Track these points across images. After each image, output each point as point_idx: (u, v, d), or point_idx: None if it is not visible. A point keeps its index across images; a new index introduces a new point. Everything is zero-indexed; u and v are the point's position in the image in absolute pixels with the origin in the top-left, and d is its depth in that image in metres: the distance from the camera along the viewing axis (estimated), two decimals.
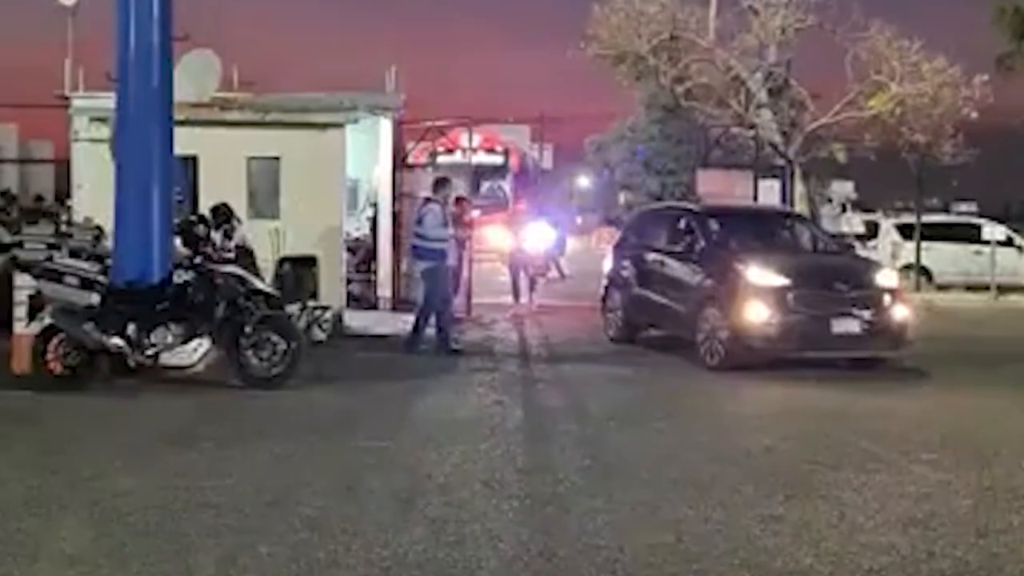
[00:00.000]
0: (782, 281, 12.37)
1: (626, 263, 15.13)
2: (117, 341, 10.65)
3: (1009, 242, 25.33)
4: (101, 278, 10.93)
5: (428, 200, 14.10)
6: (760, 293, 12.31)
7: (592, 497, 7.00)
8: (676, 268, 13.82)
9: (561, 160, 56.92)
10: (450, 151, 30.63)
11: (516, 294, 18.93)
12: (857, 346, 12.50)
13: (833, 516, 6.67)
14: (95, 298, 10.72)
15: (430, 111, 28.59)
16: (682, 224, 14.43)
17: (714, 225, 14.13)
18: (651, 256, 14.55)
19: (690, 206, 15.76)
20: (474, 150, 31.54)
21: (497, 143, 33.65)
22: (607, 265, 15.78)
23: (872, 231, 25.78)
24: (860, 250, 24.56)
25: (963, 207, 34.39)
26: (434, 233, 13.67)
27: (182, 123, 12.68)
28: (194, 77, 15.15)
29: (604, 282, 15.62)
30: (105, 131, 14.30)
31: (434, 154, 29.24)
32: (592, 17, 23.29)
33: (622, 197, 59.12)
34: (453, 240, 14.11)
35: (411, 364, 12.72)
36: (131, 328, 10.70)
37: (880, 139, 23.09)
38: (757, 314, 12.22)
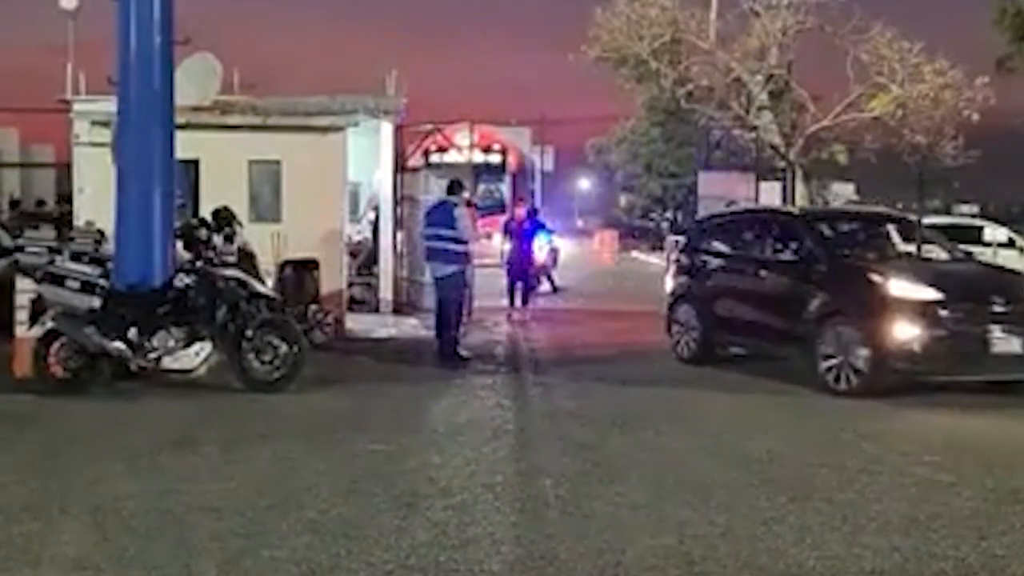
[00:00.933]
0: (931, 294, 11.03)
1: (701, 274, 13.61)
2: (118, 345, 10.66)
3: (1011, 244, 25.34)
4: (102, 282, 10.93)
5: (450, 203, 13.66)
6: (907, 308, 10.91)
7: (592, 499, 6.99)
8: (779, 279, 12.37)
9: (562, 163, 57.03)
10: (444, 150, 30.25)
11: (512, 298, 18.87)
12: (1018, 368, 11.05)
13: None
14: (96, 302, 10.73)
15: (431, 115, 28.47)
16: (780, 229, 13.02)
17: (825, 230, 12.82)
18: (739, 266, 13.15)
19: (788, 209, 14.44)
20: (470, 149, 30.57)
21: (494, 141, 32.50)
22: (670, 277, 14.39)
23: None
24: None
25: (964, 209, 34.36)
26: (467, 236, 13.53)
27: (183, 127, 12.68)
28: (195, 81, 15.15)
29: (669, 296, 14.11)
30: (106, 135, 14.31)
31: (427, 153, 28.48)
32: (594, 20, 23.31)
33: (623, 199, 59.10)
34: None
35: (412, 368, 12.71)
36: (132, 332, 10.70)
37: (881, 141, 23.12)
38: (905, 333, 10.80)
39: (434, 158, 29.03)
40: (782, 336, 12.02)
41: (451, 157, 30.39)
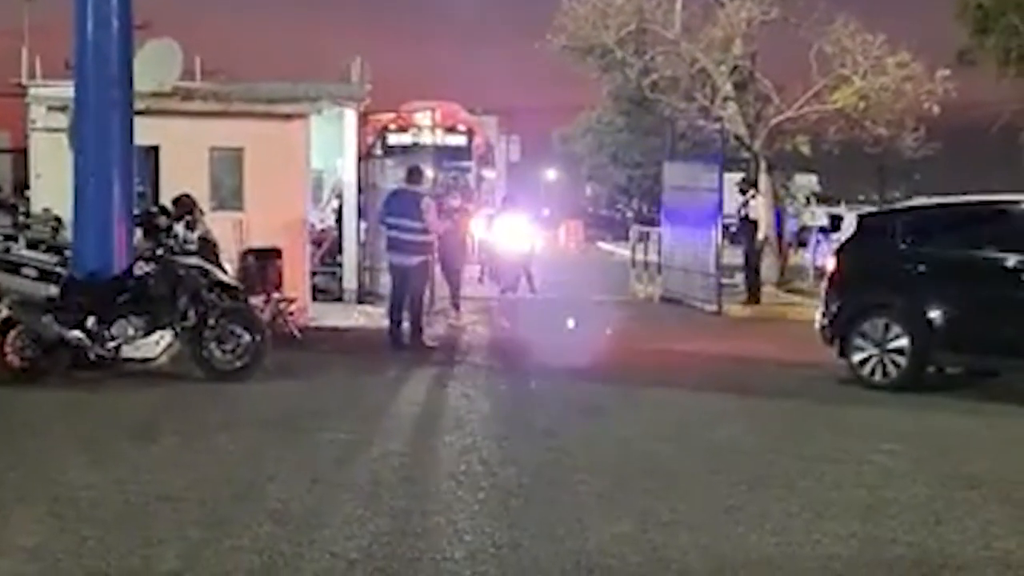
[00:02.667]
0: None
1: (911, 278, 11.22)
2: (77, 334, 10.53)
3: None
4: (60, 270, 10.81)
5: (415, 193, 13.57)
6: None
7: (555, 487, 7.00)
8: None
9: (528, 153, 56.94)
10: (403, 130, 27.55)
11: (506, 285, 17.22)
12: None
13: None
14: (54, 290, 10.60)
15: (395, 104, 28.04)
16: None
17: None
18: (982, 270, 10.88)
19: None
20: (432, 130, 27.52)
21: (459, 121, 28.61)
22: (846, 282, 11.87)
23: (836, 224, 25.97)
24: (824, 243, 24.89)
25: (924, 200, 34.65)
26: (435, 226, 13.51)
27: (143, 112, 12.56)
28: (155, 66, 14.99)
29: (841, 306, 11.69)
30: (64, 120, 14.14)
31: (383, 133, 26.64)
32: (559, 8, 23.28)
33: (588, 189, 59.25)
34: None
35: (376, 357, 12.66)
36: (91, 321, 10.58)
37: (843, 132, 23.23)
38: None
39: (392, 139, 27.09)
40: None
41: (411, 138, 27.79)
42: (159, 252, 11.09)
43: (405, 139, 27.06)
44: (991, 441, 9.07)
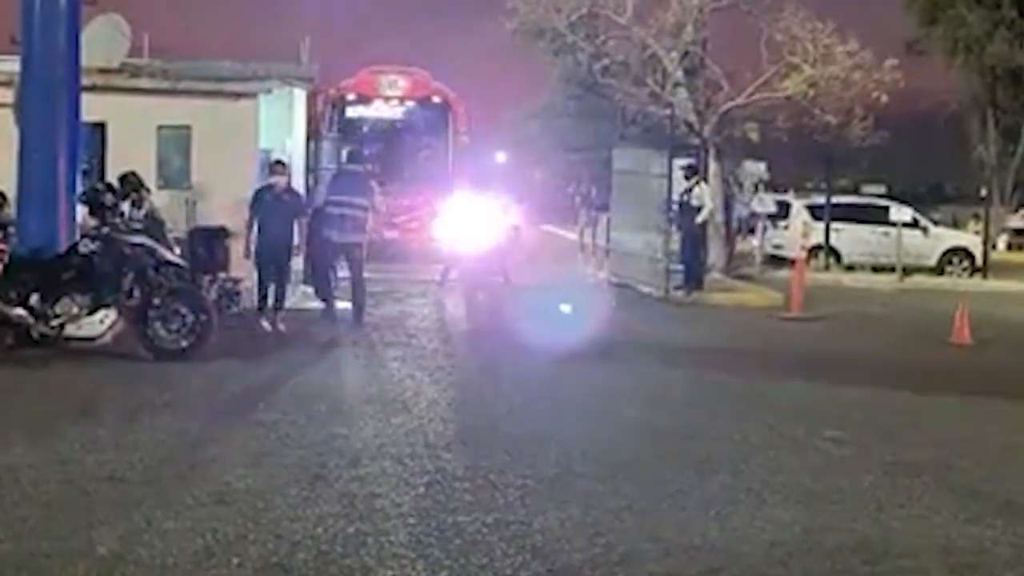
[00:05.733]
0: None
1: None
2: (20, 311, 10.39)
3: (915, 224, 25.95)
4: (2, 246, 10.65)
5: (359, 173, 13.98)
6: None
7: (500, 471, 7.02)
8: None
9: (477, 136, 56.74)
10: (364, 100, 23.05)
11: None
12: None
13: None
14: None
15: (343, 76, 27.37)
16: None
17: None
18: None
19: None
20: (401, 100, 23.27)
21: (433, 91, 23.57)
22: None
23: (784, 211, 26.20)
24: (771, 230, 25.11)
25: (872, 189, 35.06)
26: (381, 208, 13.87)
27: (90, 89, 12.41)
28: (102, 42, 14.80)
29: None
30: (8, 96, 13.91)
31: (340, 104, 22.67)
32: None
33: (537, 174, 59.22)
34: None
35: (323, 338, 12.62)
36: (35, 298, 10.44)
37: (793, 120, 23.41)
38: None
39: (352, 112, 22.97)
40: None
41: (375, 112, 23.23)
42: (104, 230, 10.95)
43: (367, 112, 23.21)
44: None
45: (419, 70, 24.01)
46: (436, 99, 23.37)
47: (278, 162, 13.52)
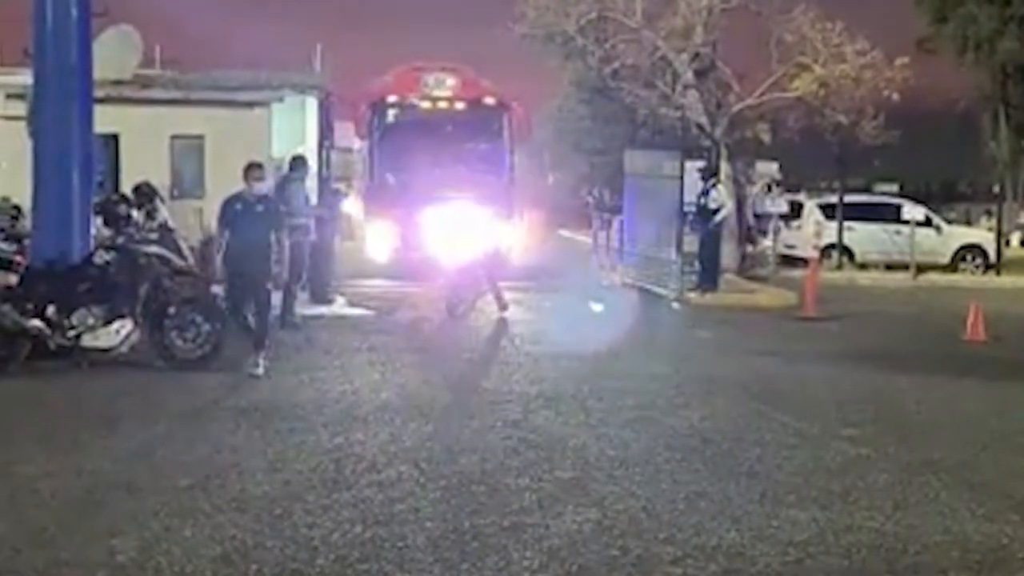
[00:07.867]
0: None
1: None
2: (36, 323, 10.44)
3: (928, 222, 25.89)
4: (19, 258, 10.72)
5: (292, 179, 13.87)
6: None
7: (517, 475, 7.03)
8: None
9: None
10: (406, 104, 20.38)
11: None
12: None
13: None
14: (13, 279, 10.52)
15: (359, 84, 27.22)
16: None
17: None
18: None
19: None
20: (451, 101, 20.50)
21: (484, 92, 20.81)
22: None
23: (796, 211, 26.15)
24: (784, 230, 25.05)
25: (884, 187, 34.97)
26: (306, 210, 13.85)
27: (103, 100, 12.48)
28: (114, 54, 14.90)
29: None
30: (22, 108, 14.01)
31: (383, 108, 20.27)
32: None
33: (550, 178, 59.22)
34: None
35: (331, 345, 12.63)
36: (51, 310, 10.49)
37: (803, 120, 23.39)
38: None
39: (394, 116, 20.49)
40: None
41: (422, 114, 20.41)
42: (119, 240, 11.02)
43: (413, 115, 20.53)
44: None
45: (462, 66, 21.21)
46: (490, 100, 20.67)
47: (255, 164, 11.31)
